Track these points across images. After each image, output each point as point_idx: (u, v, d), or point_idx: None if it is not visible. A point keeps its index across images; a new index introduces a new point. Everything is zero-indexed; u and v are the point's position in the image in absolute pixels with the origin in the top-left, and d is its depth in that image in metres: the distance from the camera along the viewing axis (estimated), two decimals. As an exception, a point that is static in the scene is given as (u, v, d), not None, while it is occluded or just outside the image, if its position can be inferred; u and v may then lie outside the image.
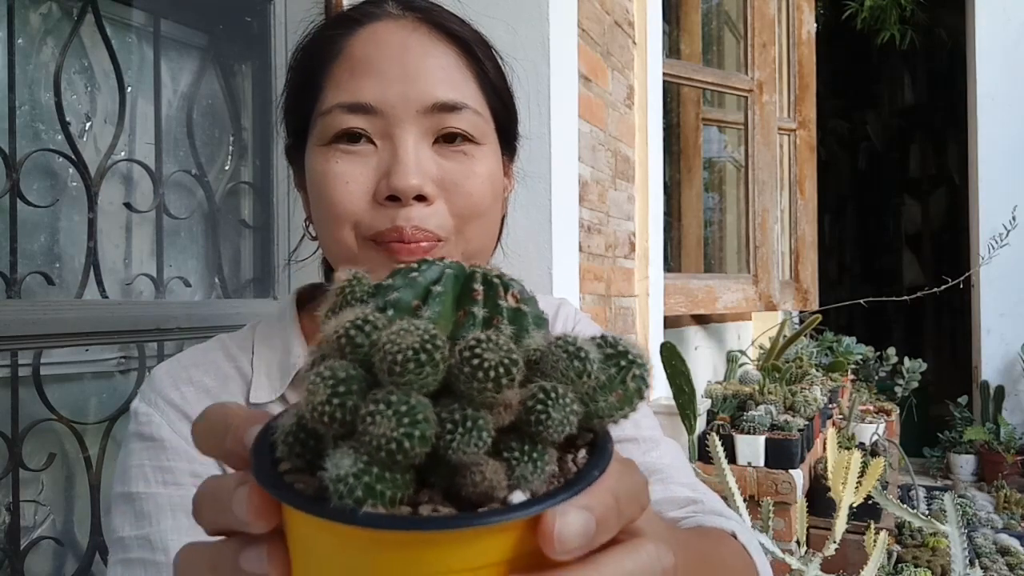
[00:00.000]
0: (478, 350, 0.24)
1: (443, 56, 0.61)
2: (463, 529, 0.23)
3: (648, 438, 0.70)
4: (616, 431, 0.29)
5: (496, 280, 0.29)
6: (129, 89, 1.34)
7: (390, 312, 0.27)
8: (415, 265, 0.30)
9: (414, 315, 0.28)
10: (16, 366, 1.11)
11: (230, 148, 1.54)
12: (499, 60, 0.67)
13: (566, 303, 0.79)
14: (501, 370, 0.24)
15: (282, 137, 0.70)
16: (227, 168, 1.53)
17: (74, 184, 1.24)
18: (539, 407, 0.25)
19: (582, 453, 0.28)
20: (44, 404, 1.14)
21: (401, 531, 0.23)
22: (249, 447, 0.27)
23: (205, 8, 1.50)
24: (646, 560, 0.27)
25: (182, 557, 0.30)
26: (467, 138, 0.61)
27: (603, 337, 0.29)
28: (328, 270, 0.78)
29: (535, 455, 0.25)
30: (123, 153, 1.33)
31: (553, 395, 0.25)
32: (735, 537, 0.60)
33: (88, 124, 1.29)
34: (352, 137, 0.59)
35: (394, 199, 0.58)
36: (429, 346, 0.24)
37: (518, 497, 0.25)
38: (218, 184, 1.50)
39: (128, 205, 1.33)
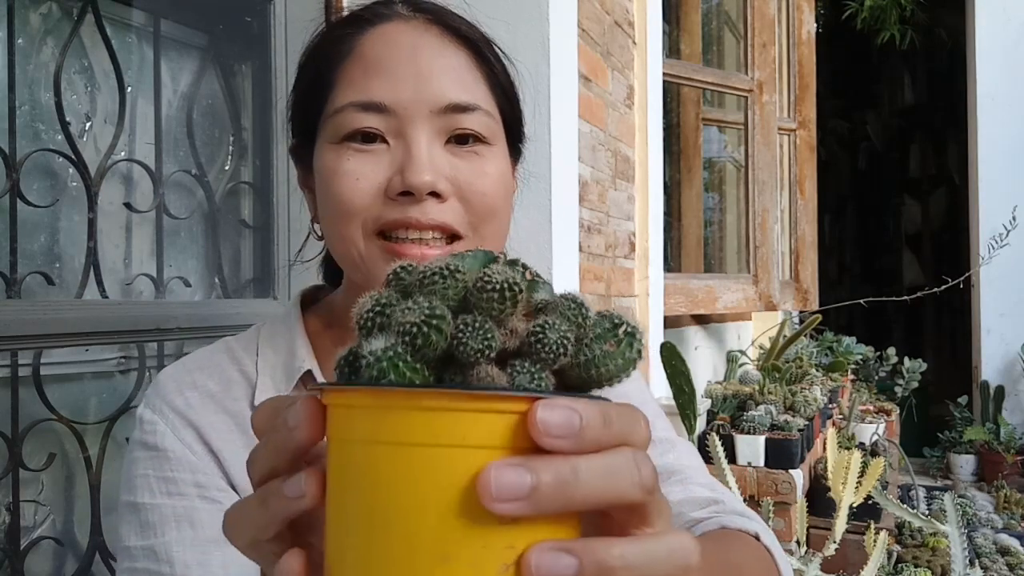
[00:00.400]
0: (489, 272, 0.30)
1: (454, 57, 0.61)
2: (452, 392, 0.27)
3: (664, 439, 0.70)
4: None
5: (518, 260, 0.35)
6: (129, 89, 1.34)
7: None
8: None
9: None
10: (16, 366, 1.10)
11: (230, 148, 1.54)
12: (506, 62, 0.67)
13: None
14: (505, 285, 0.30)
15: (287, 137, 0.70)
16: (227, 168, 1.53)
17: (74, 184, 1.24)
18: (537, 330, 0.30)
19: None
20: (44, 404, 1.14)
21: (406, 389, 0.27)
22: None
23: (205, 8, 1.50)
24: (622, 460, 0.28)
25: (230, 514, 0.33)
26: (479, 139, 0.61)
27: (605, 310, 0.33)
28: (328, 271, 0.78)
29: (533, 371, 0.29)
30: (123, 153, 1.33)
31: (550, 322, 0.30)
32: (758, 539, 0.59)
33: (88, 124, 1.29)
34: (367, 137, 0.59)
35: (407, 195, 0.58)
36: (452, 267, 0.31)
37: None
38: (218, 184, 1.50)
39: (128, 205, 1.33)
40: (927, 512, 3.27)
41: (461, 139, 0.61)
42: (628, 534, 0.29)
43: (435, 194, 0.58)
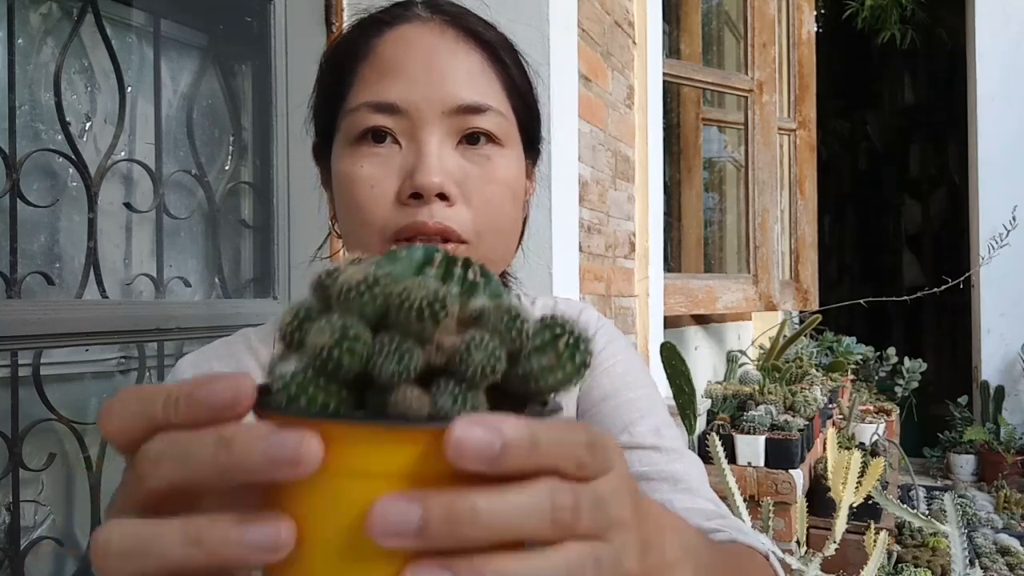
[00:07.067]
0: (409, 287, 0.28)
1: (469, 59, 0.62)
2: (344, 423, 0.25)
3: (672, 448, 0.69)
4: (637, 439, 0.29)
5: (460, 259, 0.32)
6: (129, 89, 1.33)
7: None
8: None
9: None
10: (16, 366, 1.10)
11: (230, 148, 1.54)
12: (524, 64, 0.68)
13: (589, 308, 0.79)
14: (424, 304, 0.27)
15: (311, 135, 0.70)
16: (227, 168, 1.53)
17: (74, 184, 1.24)
18: (463, 348, 0.27)
19: None
20: (44, 404, 1.14)
21: (303, 418, 0.25)
22: (219, 398, 0.26)
23: (205, 8, 1.50)
24: (535, 498, 0.25)
25: (120, 536, 0.26)
26: (491, 139, 0.62)
27: (547, 315, 0.31)
28: None
29: (457, 391, 0.27)
30: (123, 153, 1.33)
31: (478, 340, 0.27)
32: (767, 560, 0.59)
33: (88, 124, 1.29)
34: (377, 136, 0.60)
35: (417, 197, 0.59)
36: (371, 280, 0.28)
37: None
38: (218, 184, 1.50)
39: (128, 205, 1.33)
40: (927, 512, 3.27)
41: (472, 139, 0.61)
42: None
43: (443, 196, 0.59)
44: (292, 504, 0.26)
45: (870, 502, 1.88)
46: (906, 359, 4.93)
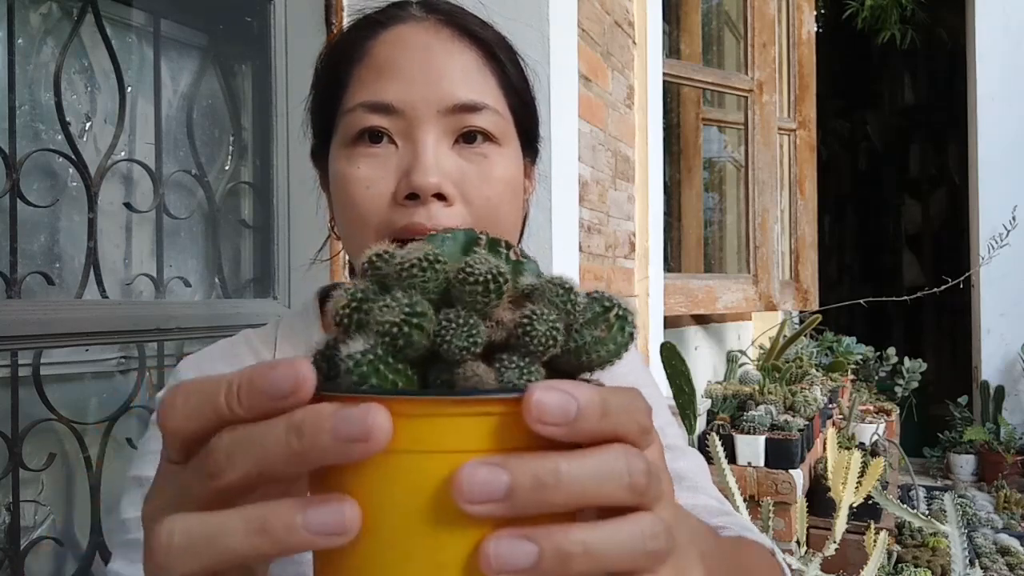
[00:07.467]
0: (471, 262, 0.28)
1: (464, 57, 0.62)
2: (434, 400, 0.25)
3: (675, 446, 0.70)
4: None
5: (501, 240, 0.33)
6: (129, 89, 1.33)
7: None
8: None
9: None
10: (16, 366, 1.10)
11: (230, 148, 1.54)
12: (521, 62, 0.67)
13: None
14: (489, 276, 0.28)
15: (308, 137, 0.70)
16: (227, 168, 1.53)
17: (74, 184, 1.24)
18: (525, 321, 0.28)
19: None
20: (44, 404, 1.14)
21: (386, 397, 0.25)
22: (284, 384, 0.25)
23: (205, 8, 1.50)
24: (611, 461, 0.25)
25: (182, 529, 0.25)
26: (487, 137, 0.62)
27: (594, 291, 0.32)
28: (354, 271, 0.79)
29: (522, 364, 0.28)
30: (123, 153, 1.33)
31: (538, 312, 0.28)
32: (773, 555, 0.60)
33: (88, 124, 1.29)
34: (374, 136, 0.60)
35: (413, 197, 0.58)
36: (431, 257, 0.29)
37: None
38: (218, 184, 1.50)
39: (128, 205, 1.33)
40: (927, 512, 3.27)
41: (469, 137, 0.61)
42: None
43: (441, 196, 0.59)
44: (357, 488, 0.25)
45: (870, 502, 1.88)
46: (906, 359, 4.93)
